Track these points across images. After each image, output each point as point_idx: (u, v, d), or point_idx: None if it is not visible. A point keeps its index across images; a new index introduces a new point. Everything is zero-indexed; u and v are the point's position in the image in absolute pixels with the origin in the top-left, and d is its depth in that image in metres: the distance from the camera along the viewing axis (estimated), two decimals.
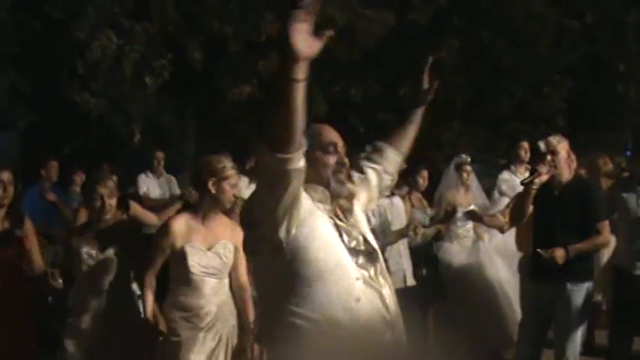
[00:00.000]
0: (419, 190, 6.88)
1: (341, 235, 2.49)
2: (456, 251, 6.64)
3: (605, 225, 4.81)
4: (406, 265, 5.92)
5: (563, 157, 4.76)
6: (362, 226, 2.65)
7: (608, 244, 5.15)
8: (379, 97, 12.75)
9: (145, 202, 7.22)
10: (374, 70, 12.50)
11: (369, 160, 2.97)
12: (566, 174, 4.81)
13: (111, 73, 11.04)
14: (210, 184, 3.75)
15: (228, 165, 3.78)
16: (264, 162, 2.22)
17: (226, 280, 3.90)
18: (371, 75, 12.53)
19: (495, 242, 6.75)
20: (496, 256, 6.69)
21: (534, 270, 4.90)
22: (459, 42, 11.87)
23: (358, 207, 2.71)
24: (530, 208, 4.97)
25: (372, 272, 2.51)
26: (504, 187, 7.12)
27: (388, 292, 2.53)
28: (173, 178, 8.48)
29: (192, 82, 11.75)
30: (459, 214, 6.46)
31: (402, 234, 5.68)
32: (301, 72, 2.04)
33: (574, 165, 4.87)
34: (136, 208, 5.56)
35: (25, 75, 11.21)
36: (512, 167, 7.44)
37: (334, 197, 2.56)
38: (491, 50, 13.41)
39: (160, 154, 8.37)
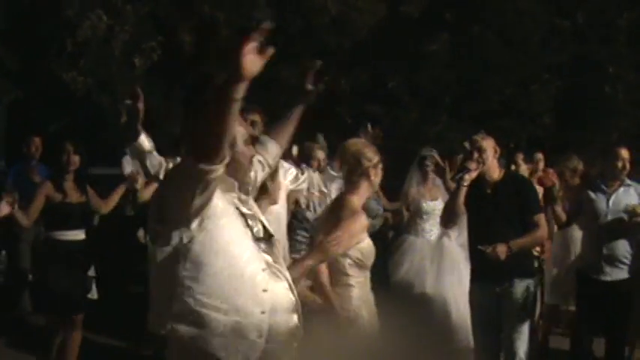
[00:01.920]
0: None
1: (248, 224, 2.55)
2: (420, 245, 6.54)
3: (542, 217, 4.74)
4: None
5: (490, 154, 4.71)
6: (259, 213, 2.71)
7: (546, 237, 5.06)
8: (367, 87, 12.74)
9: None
10: (363, 61, 12.49)
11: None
12: (495, 171, 4.78)
13: (100, 53, 10.98)
14: None
15: None
16: (186, 169, 2.27)
17: None
18: (360, 65, 12.51)
19: (462, 239, 6.49)
20: (460, 255, 6.47)
21: (477, 272, 4.83)
22: (449, 36, 11.85)
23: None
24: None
25: (273, 257, 2.58)
26: None
27: (289, 277, 2.61)
28: None
29: (181, 65, 11.69)
30: (425, 208, 6.47)
31: None
32: (242, 91, 2.11)
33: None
34: (89, 191, 5.75)
35: (13, 51, 11.12)
36: None
37: (241, 186, 2.62)
38: (480, 46, 13.42)
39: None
